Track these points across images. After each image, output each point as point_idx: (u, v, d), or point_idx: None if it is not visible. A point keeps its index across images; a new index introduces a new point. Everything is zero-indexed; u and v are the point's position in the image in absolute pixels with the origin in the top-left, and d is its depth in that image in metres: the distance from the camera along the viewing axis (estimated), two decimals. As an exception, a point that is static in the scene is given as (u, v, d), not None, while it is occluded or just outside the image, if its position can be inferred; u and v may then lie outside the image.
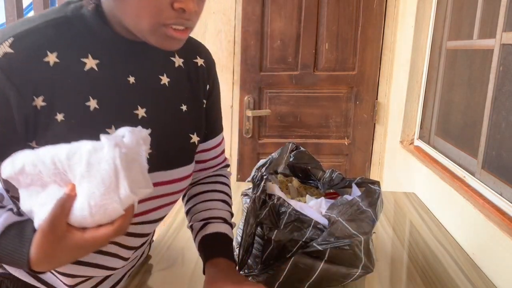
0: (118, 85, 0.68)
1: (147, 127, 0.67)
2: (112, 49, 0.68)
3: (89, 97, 0.64)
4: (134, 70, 0.70)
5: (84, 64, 0.65)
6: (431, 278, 1.00)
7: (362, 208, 0.82)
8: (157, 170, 0.72)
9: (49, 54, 0.61)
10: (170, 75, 0.76)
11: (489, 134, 1.33)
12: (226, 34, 2.28)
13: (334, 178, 1.00)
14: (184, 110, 0.78)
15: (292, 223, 0.84)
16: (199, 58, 0.82)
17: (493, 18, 1.37)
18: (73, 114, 0.63)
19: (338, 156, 2.44)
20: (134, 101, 0.70)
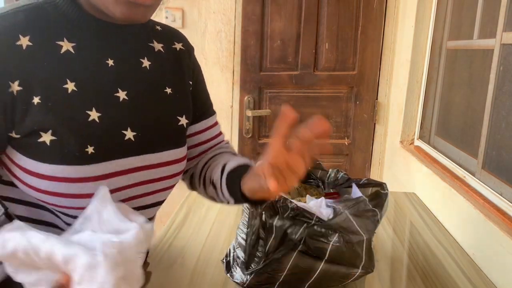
0: (96, 67, 0.67)
1: (129, 109, 0.69)
2: (88, 32, 0.67)
3: (66, 80, 0.64)
4: (113, 53, 0.69)
5: (60, 47, 0.64)
6: (431, 278, 1.00)
7: (369, 207, 0.82)
8: (144, 153, 0.71)
9: (21, 37, 0.60)
10: (151, 59, 0.75)
11: (489, 134, 1.33)
12: (226, 34, 2.28)
13: (339, 178, 0.99)
14: (169, 93, 0.77)
15: (294, 218, 0.83)
16: (176, 43, 0.82)
17: (493, 18, 1.37)
18: (49, 96, 0.62)
19: (338, 156, 2.44)
20: (114, 84, 0.69)
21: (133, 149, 0.69)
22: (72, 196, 0.64)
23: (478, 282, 1.00)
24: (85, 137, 0.64)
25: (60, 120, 0.62)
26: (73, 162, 0.63)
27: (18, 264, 0.55)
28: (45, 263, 0.53)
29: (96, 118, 0.65)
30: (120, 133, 0.68)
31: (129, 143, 0.69)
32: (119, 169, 0.68)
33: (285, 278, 0.84)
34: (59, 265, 0.53)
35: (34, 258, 0.53)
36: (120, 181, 0.68)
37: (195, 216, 1.29)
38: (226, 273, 0.94)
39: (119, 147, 0.68)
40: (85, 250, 0.52)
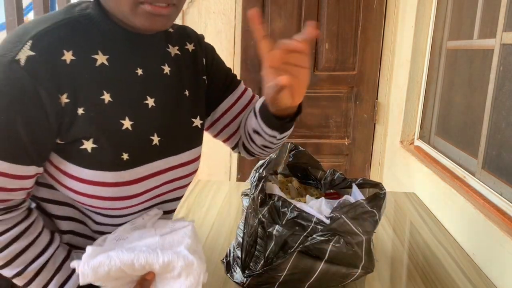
0: (128, 78, 0.71)
1: (156, 115, 0.73)
2: (118, 43, 0.70)
3: (103, 91, 0.67)
4: (140, 62, 0.73)
5: (96, 60, 0.68)
6: (431, 278, 1.00)
7: (367, 209, 0.82)
8: (169, 155, 0.76)
9: (65, 52, 0.64)
10: (170, 65, 0.79)
11: (489, 134, 1.33)
12: (226, 34, 2.28)
13: (335, 178, 0.99)
14: (187, 95, 0.80)
15: (293, 219, 0.84)
16: (188, 44, 0.84)
17: (493, 18, 1.37)
18: (91, 107, 0.66)
19: (338, 156, 2.44)
20: (143, 92, 0.73)
21: (158, 153, 0.74)
22: (108, 199, 0.69)
23: (478, 282, 1.00)
24: (120, 145, 0.69)
25: (100, 130, 0.66)
26: (110, 168, 0.68)
27: (105, 281, 0.65)
28: (133, 273, 0.65)
29: (129, 126, 0.70)
30: (148, 139, 0.73)
31: (155, 148, 0.73)
32: (148, 172, 0.72)
33: (285, 278, 0.84)
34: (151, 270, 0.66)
35: (127, 271, 0.64)
36: (149, 183, 0.73)
37: (195, 216, 1.29)
38: (226, 273, 0.95)
39: (147, 152, 0.72)
40: (178, 255, 0.66)
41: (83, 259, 0.64)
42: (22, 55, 0.60)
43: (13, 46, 0.61)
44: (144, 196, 0.74)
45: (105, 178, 0.68)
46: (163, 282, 0.67)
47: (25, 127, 0.62)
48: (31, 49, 0.61)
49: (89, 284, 0.66)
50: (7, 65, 0.60)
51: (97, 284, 0.66)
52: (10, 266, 0.66)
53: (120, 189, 0.70)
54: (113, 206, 0.71)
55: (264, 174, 0.96)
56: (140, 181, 0.72)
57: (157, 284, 0.68)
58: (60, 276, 0.68)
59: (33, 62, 0.61)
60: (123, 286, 0.68)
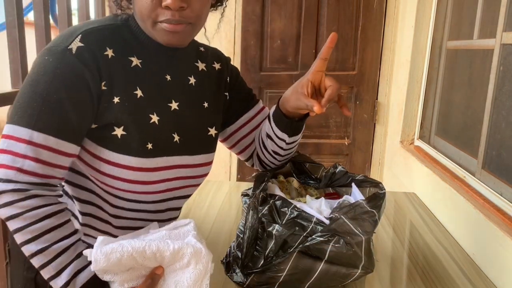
0: (157, 81, 0.82)
1: (178, 118, 0.84)
2: (151, 52, 0.82)
3: (136, 87, 0.79)
4: (170, 70, 0.85)
5: (131, 61, 0.79)
6: (431, 278, 1.00)
7: (366, 209, 0.82)
8: (185, 154, 0.86)
9: (108, 49, 0.76)
10: (196, 77, 0.90)
11: (489, 134, 1.33)
12: (226, 34, 2.28)
13: (337, 172, 0.99)
14: (206, 107, 0.91)
15: (293, 219, 0.84)
16: (216, 63, 0.97)
17: (493, 18, 1.37)
18: (126, 98, 0.77)
19: (338, 156, 2.44)
20: (169, 95, 0.84)
21: (177, 149, 0.84)
22: (129, 181, 0.79)
23: (478, 282, 1.00)
24: (147, 136, 0.79)
25: (131, 119, 0.77)
26: (136, 154, 0.77)
27: (116, 269, 0.68)
28: (144, 262, 0.68)
29: (156, 121, 0.80)
30: (171, 136, 0.83)
31: (175, 144, 0.84)
32: (166, 164, 0.82)
33: (285, 278, 0.84)
34: (163, 259, 0.69)
35: (138, 259, 0.67)
36: (165, 174, 0.83)
37: (195, 217, 1.29)
38: (226, 274, 0.95)
39: (168, 146, 0.82)
40: (187, 243, 0.70)
41: (95, 245, 0.67)
42: (74, 45, 0.72)
43: (66, 38, 0.74)
44: (160, 186, 0.83)
45: (130, 162, 0.77)
46: (172, 275, 0.70)
47: (74, 106, 0.72)
48: (80, 41, 0.73)
49: (100, 282, 0.69)
50: (61, 53, 0.72)
51: (107, 279, 0.68)
52: (37, 241, 0.69)
53: (141, 174, 0.79)
54: (133, 189, 0.80)
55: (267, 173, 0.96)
56: (158, 170, 0.81)
57: (167, 277, 0.71)
58: (77, 263, 0.71)
59: (82, 51, 0.73)
60: (133, 280, 0.69)
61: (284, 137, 0.93)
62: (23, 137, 0.69)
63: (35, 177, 0.70)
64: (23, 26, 1.36)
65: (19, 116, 0.70)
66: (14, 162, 0.69)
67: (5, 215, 0.69)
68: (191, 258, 0.69)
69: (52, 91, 0.70)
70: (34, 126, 0.70)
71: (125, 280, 0.69)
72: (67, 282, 0.69)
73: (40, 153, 0.70)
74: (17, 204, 0.69)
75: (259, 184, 0.92)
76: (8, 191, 0.69)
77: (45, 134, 0.70)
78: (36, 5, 1.51)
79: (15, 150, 0.69)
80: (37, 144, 0.70)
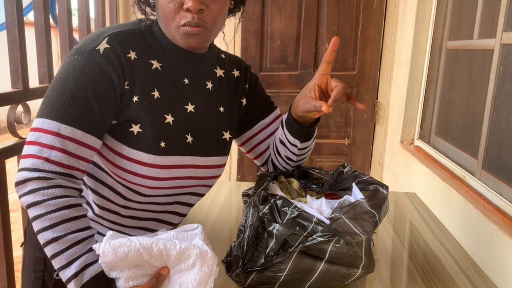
0: (175, 84, 0.88)
1: (192, 120, 0.89)
2: (171, 57, 0.87)
3: (154, 89, 0.84)
4: (188, 74, 0.90)
5: (152, 64, 0.85)
6: (431, 278, 1.00)
7: (366, 208, 0.82)
8: (197, 155, 0.90)
9: (131, 52, 0.82)
10: (213, 82, 0.95)
11: (489, 134, 1.33)
12: (226, 34, 2.28)
13: (345, 171, 0.99)
14: (222, 111, 0.96)
15: (294, 219, 0.84)
16: (235, 70, 1.02)
17: (493, 18, 1.37)
18: (144, 98, 0.82)
19: (338, 156, 2.44)
20: (186, 98, 0.89)
21: (189, 150, 0.88)
22: (141, 176, 0.84)
23: (478, 282, 1.00)
24: (161, 134, 0.83)
25: (147, 118, 0.82)
26: (149, 151, 0.82)
27: (122, 264, 0.69)
28: (150, 259, 0.69)
29: (170, 121, 0.85)
30: (184, 136, 0.88)
31: (188, 145, 0.88)
32: (177, 163, 0.87)
33: (286, 278, 0.84)
34: (168, 258, 0.70)
35: (144, 256, 0.68)
36: (177, 172, 0.87)
37: (196, 217, 1.29)
38: (227, 273, 0.95)
39: (181, 146, 0.87)
40: (194, 245, 0.72)
41: (104, 239, 0.69)
42: (101, 47, 0.79)
43: (94, 40, 0.80)
44: (171, 182, 0.88)
45: (143, 158, 0.82)
46: (177, 275, 0.71)
47: (100, 102, 0.77)
48: (107, 43, 0.80)
49: (107, 279, 0.71)
50: (90, 53, 0.78)
51: (113, 275, 0.69)
52: (54, 229, 0.71)
53: (153, 170, 0.83)
54: (144, 183, 0.85)
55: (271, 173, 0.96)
56: (169, 167, 0.85)
57: (171, 278, 0.71)
58: (88, 257, 0.72)
59: (108, 52, 0.79)
60: (138, 278, 0.70)
61: (296, 143, 0.97)
62: (51, 129, 0.74)
63: (61, 167, 0.75)
64: (23, 26, 1.37)
65: (48, 110, 0.75)
66: (41, 152, 0.73)
67: (28, 202, 0.73)
68: (197, 259, 0.70)
69: (80, 87, 0.76)
70: (62, 119, 0.75)
71: (131, 278, 0.70)
72: (76, 273, 0.70)
73: (67, 144, 0.75)
74: (41, 191, 0.72)
75: (261, 183, 0.92)
76: (33, 179, 0.72)
77: (72, 127, 0.75)
78: (36, 5, 1.51)
79: (44, 142, 0.74)
80: (64, 136, 0.74)
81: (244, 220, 0.93)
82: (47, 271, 0.92)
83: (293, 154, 1.00)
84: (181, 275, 0.71)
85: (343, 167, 1.00)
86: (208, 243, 0.75)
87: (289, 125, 0.97)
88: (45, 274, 0.92)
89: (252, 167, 2.46)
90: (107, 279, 0.72)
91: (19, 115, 1.40)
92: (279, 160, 1.04)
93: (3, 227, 1.28)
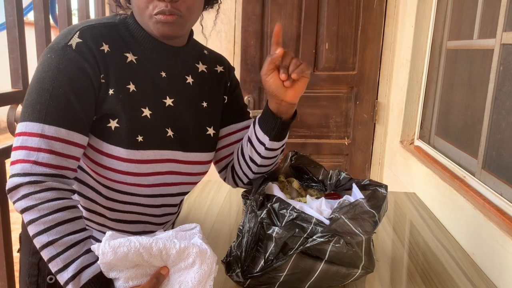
0: (152, 77, 0.86)
1: (172, 114, 0.87)
2: (148, 49, 0.86)
3: (130, 82, 0.83)
4: (166, 68, 0.88)
5: (126, 57, 0.84)
6: (431, 278, 1.00)
7: (365, 208, 0.82)
8: (178, 150, 0.88)
9: (104, 44, 0.81)
10: (194, 77, 0.93)
11: (489, 134, 1.33)
12: (226, 34, 2.28)
13: (341, 179, 0.99)
14: (205, 106, 0.94)
15: (293, 221, 0.83)
16: (218, 66, 1.00)
17: (493, 18, 1.37)
18: (119, 91, 0.81)
19: (338, 156, 2.44)
20: (164, 92, 0.87)
21: (170, 144, 0.87)
22: (121, 172, 0.82)
23: (478, 282, 1.00)
24: (137, 128, 0.82)
25: (123, 112, 0.80)
26: (126, 146, 0.81)
27: (122, 264, 0.68)
28: (150, 259, 0.69)
29: (148, 115, 0.84)
30: (164, 130, 0.86)
31: (169, 139, 0.86)
32: (157, 157, 0.85)
33: (286, 278, 0.84)
34: (168, 258, 0.70)
35: (144, 255, 0.68)
36: (157, 167, 0.86)
37: (195, 217, 1.29)
38: (227, 273, 0.94)
39: (160, 140, 0.85)
40: (193, 243, 0.71)
41: (103, 239, 0.68)
42: (73, 42, 0.78)
43: (65, 36, 0.79)
44: (151, 178, 0.86)
45: (120, 153, 0.81)
46: (177, 275, 0.71)
47: (79, 98, 0.76)
48: (79, 37, 0.79)
49: (105, 281, 0.71)
50: (62, 49, 0.77)
51: (112, 275, 0.69)
52: (49, 232, 0.71)
53: (131, 165, 0.82)
54: (124, 180, 0.83)
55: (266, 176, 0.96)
56: (148, 162, 0.84)
57: (171, 277, 0.71)
58: (84, 259, 0.72)
59: (81, 46, 0.78)
60: (137, 278, 0.70)
61: (264, 140, 0.92)
62: (35, 131, 0.73)
63: (50, 168, 0.74)
64: (23, 26, 1.36)
65: (29, 113, 0.75)
66: (29, 156, 0.73)
67: (21, 207, 0.72)
68: (196, 258, 0.70)
69: (57, 85, 0.75)
70: (44, 120, 0.74)
71: (130, 278, 0.70)
72: (73, 276, 0.70)
73: (53, 144, 0.74)
74: (33, 196, 0.72)
75: (257, 187, 0.91)
76: (24, 184, 0.72)
77: (56, 127, 0.74)
78: (36, 5, 1.51)
79: (30, 145, 0.73)
80: (49, 136, 0.74)
81: (243, 222, 0.92)
82: (41, 276, 0.91)
83: (258, 155, 0.95)
84: (180, 274, 0.71)
85: (338, 175, 1.00)
86: (207, 242, 0.75)
87: (262, 119, 0.92)
88: (39, 279, 0.92)
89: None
90: (105, 280, 0.71)
91: (19, 115, 1.40)
92: (241, 163, 0.99)
93: (3, 227, 1.27)
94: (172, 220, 1.03)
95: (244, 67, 2.29)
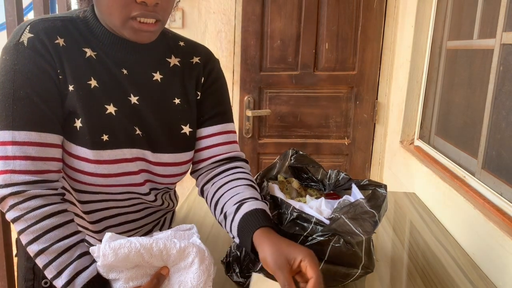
0: (112, 74, 0.80)
1: (139, 112, 0.82)
2: (106, 46, 0.80)
3: (91, 77, 0.78)
4: (127, 65, 0.82)
5: (85, 52, 0.78)
6: (431, 278, 1.00)
7: (366, 208, 0.82)
8: (147, 149, 0.83)
9: (59, 38, 0.76)
10: (164, 73, 0.86)
11: (489, 134, 1.33)
12: (226, 34, 2.28)
13: (340, 179, 0.99)
14: (177, 103, 0.87)
15: (293, 220, 0.83)
16: (195, 57, 0.91)
17: (493, 18, 1.37)
18: (80, 87, 0.76)
19: (338, 156, 2.44)
20: (127, 89, 0.81)
21: (139, 143, 0.81)
22: (90, 174, 0.78)
23: (478, 282, 1.00)
24: (102, 127, 0.77)
25: (85, 109, 0.76)
26: (91, 146, 0.76)
27: (122, 265, 0.68)
28: (150, 259, 0.69)
29: (112, 111, 0.79)
30: (132, 128, 0.81)
31: (138, 137, 0.81)
32: (126, 156, 0.80)
33: (285, 278, 0.84)
34: (169, 257, 0.69)
35: (145, 256, 0.68)
36: (127, 167, 0.81)
37: (195, 217, 1.29)
38: (226, 274, 0.95)
39: (128, 139, 0.80)
40: (193, 243, 0.72)
41: (103, 241, 0.68)
42: (24, 38, 0.73)
43: (16, 33, 0.74)
44: (124, 179, 0.81)
45: (87, 154, 0.76)
46: (176, 275, 0.71)
47: (44, 97, 0.73)
48: (29, 32, 0.73)
49: (101, 283, 0.70)
50: (14, 48, 0.72)
51: (112, 276, 0.69)
52: (38, 241, 0.70)
53: (100, 166, 0.78)
54: (95, 182, 0.79)
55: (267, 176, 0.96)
56: (117, 162, 0.79)
57: (171, 278, 0.71)
58: (78, 263, 0.70)
59: (33, 41, 0.73)
60: (138, 278, 0.70)
61: (235, 238, 0.81)
62: (6, 139, 0.71)
63: (30, 175, 0.71)
64: (23, 26, 1.36)
65: None
66: (6, 165, 0.71)
67: (10, 218, 0.71)
68: (195, 257, 0.70)
69: (17, 88, 0.72)
70: (13, 126, 0.71)
71: (130, 278, 0.69)
72: (67, 282, 0.69)
73: (27, 150, 0.71)
74: (18, 206, 0.70)
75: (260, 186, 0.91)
76: (8, 195, 0.70)
77: (25, 131, 0.71)
78: (36, 5, 1.51)
79: (4, 154, 0.71)
80: (21, 142, 0.71)
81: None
82: (36, 280, 0.91)
83: (225, 227, 0.84)
84: (180, 274, 0.71)
85: (337, 175, 1.00)
86: (204, 244, 0.76)
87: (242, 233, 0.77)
88: (35, 283, 0.91)
89: (252, 166, 2.46)
90: (101, 284, 0.70)
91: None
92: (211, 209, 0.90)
93: (3, 227, 1.28)
94: (167, 216, 1.02)
95: (244, 67, 2.29)
